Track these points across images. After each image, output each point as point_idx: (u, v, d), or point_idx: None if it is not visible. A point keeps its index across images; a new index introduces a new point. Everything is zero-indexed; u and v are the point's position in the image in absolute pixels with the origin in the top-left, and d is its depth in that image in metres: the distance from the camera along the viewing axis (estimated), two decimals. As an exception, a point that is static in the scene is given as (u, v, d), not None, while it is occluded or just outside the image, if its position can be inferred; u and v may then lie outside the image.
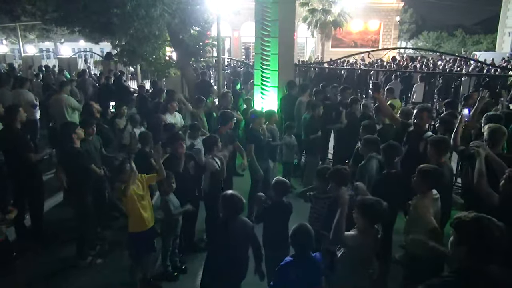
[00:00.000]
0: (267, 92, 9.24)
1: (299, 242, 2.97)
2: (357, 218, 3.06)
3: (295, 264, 2.94)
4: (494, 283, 2.03)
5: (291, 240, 3.01)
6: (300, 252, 2.98)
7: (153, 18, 8.05)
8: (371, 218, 3.04)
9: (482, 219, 2.07)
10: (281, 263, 2.95)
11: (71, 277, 4.66)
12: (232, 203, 3.33)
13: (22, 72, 15.70)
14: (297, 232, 2.98)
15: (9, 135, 5.05)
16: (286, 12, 8.93)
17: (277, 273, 2.97)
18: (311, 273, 2.94)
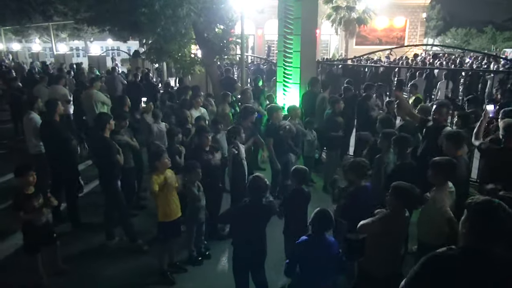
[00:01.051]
0: (289, 88, 9.42)
1: (317, 223, 3.15)
2: (389, 200, 3.21)
3: (310, 242, 3.13)
4: (496, 264, 2.16)
5: (311, 222, 3.19)
6: (316, 232, 3.16)
7: (179, 17, 8.36)
8: (404, 201, 3.18)
9: (492, 201, 2.19)
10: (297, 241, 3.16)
11: (103, 259, 5.01)
12: (255, 183, 3.55)
13: (54, 69, 16.39)
14: (316, 214, 3.17)
15: (49, 127, 5.45)
16: (309, 10, 9.08)
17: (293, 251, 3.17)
18: (325, 252, 3.13)
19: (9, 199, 6.56)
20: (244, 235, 3.57)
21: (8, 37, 24.95)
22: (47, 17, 20.38)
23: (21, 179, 4.00)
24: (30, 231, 4.05)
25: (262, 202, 3.57)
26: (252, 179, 3.59)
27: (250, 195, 3.57)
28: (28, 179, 4.02)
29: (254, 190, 3.55)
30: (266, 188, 3.57)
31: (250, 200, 3.57)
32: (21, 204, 3.94)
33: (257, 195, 3.55)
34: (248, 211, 3.56)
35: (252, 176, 3.63)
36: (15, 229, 5.53)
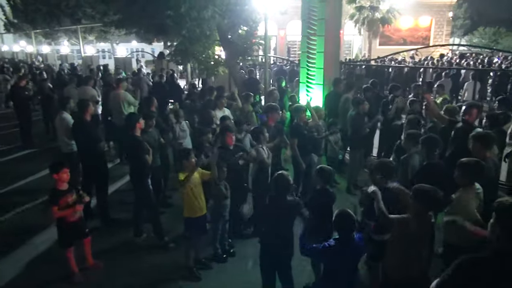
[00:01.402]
0: (312, 89, 9.43)
1: (341, 225, 3.13)
2: (411, 203, 3.20)
3: (339, 246, 3.10)
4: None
5: (334, 224, 3.18)
6: (343, 236, 3.14)
7: (204, 19, 8.51)
8: (425, 204, 3.16)
9: None
10: (325, 243, 3.17)
11: (131, 254, 5.17)
12: (279, 181, 3.62)
13: (82, 71, 16.91)
14: (338, 216, 3.16)
15: (80, 126, 5.67)
16: (333, 10, 9.07)
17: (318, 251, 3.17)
18: (355, 256, 3.15)
19: (41, 195, 6.94)
20: (271, 232, 3.63)
21: (38, 40, 25.87)
22: (75, 20, 21.04)
23: (56, 176, 4.18)
24: (64, 226, 4.23)
25: (287, 199, 3.63)
26: (276, 176, 3.66)
27: (275, 193, 3.64)
28: (62, 176, 4.20)
29: (279, 187, 3.62)
30: (289, 186, 3.64)
31: (274, 198, 3.64)
32: (56, 200, 4.12)
33: (282, 192, 3.62)
34: (273, 208, 3.63)
35: (276, 174, 3.70)
36: (48, 224, 5.81)
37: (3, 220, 6.16)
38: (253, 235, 5.48)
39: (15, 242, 5.45)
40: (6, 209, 6.51)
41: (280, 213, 3.62)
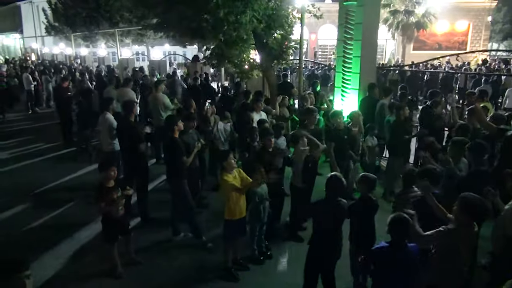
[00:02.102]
0: (348, 94, 9.35)
1: (396, 231, 3.07)
2: (456, 212, 3.13)
3: (391, 250, 3.07)
4: None
5: (389, 229, 3.10)
6: (397, 240, 3.09)
7: (242, 24, 8.60)
8: (472, 215, 3.08)
9: None
10: (376, 246, 3.15)
11: (169, 253, 5.29)
12: (333, 183, 3.64)
13: (118, 73, 17.44)
14: (393, 221, 3.10)
15: (125, 127, 5.87)
16: (370, 15, 8.98)
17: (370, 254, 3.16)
18: (407, 261, 3.08)
19: (82, 193, 7.21)
20: (322, 235, 3.64)
21: (77, 42, 26.87)
22: (113, 24, 21.74)
23: (104, 174, 4.35)
24: (109, 221, 4.39)
25: (338, 202, 3.64)
26: (330, 178, 3.69)
27: (327, 194, 3.65)
28: (110, 173, 4.36)
29: (331, 189, 3.64)
30: (343, 188, 3.64)
31: (326, 199, 3.66)
32: (103, 196, 4.28)
33: (334, 194, 3.64)
34: (325, 210, 3.65)
35: (330, 175, 3.73)
36: (90, 220, 6.04)
37: (47, 217, 6.42)
38: (290, 238, 5.52)
39: (59, 237, 5.68)
40: (50, 205, 6.79)
41: (332, 216, 3.64)
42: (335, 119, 5.98)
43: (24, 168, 8.81)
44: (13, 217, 6.39)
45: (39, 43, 36.47)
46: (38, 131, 12.45)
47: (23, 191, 7.36)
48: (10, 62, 29.76)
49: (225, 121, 7.28)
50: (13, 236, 5.73)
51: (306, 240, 5.41)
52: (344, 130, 6.06)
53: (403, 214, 3.13)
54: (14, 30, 42.45)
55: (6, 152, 9.70)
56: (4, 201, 6.95)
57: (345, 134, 6.03)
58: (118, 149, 6.77)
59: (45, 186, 7.68)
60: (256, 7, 8.39)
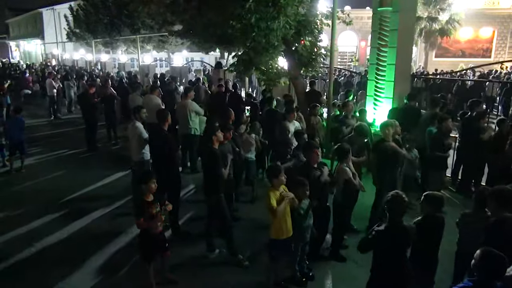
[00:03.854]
0: (381, 103, 9.00)
1: (487, 268, 2.63)
2: None
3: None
4: None
5: (477, 264, 2.67)
6: (485, 280, 2.64)
7: (272, 30, 8.34)
8: None
9: None
10: (458, 285, 2.78)
11: (203, 270, 5.01)
12: (395, 203, 3.27)
13: (140, 79, 17.38)
14: (486, 256, 2.65)
15: (159, 136, 5.64)
16: (406, 21, 8.66)
17: None
18: None
19: (110, 202, 7.00)
20: (384, 260, 3.28)
21: (98, 48, 27.10)
22: (134, 30, 21.79)
23: (146, 186, 4.09)
24: (147, 238, 4.12)
25: (402, 224, 3.28)
26: (391, 197, 3.30)
27: (389, 218, 3.29)
28: (151, 186, 4.11)
29: (394, 212, 3.27)
30: (406, 208, 3.27)
31: (388, 224, 3.28)
32: (143, 211, 4.02)
33: (397, 216, 3.27)
34: (388, 236, 3.26)
35: (391, 194, 3.34)
36: (120, 231, 5.81)
37: (74, 228, 6.21)
38: (331, 257, 5.18)
39: (88, 250, 5.44)
40: (77, 216, 6.59)
41: (393, 240, 3.26)
42: (384, 130, 5.63)
43: (49, 175, 8.65)
44: (40, 228, 6.19)
45: (59, 49, 37.00)
46: (62, 137, 12.40)
47: (49, 200, 7.19)
48: (31, 67, 30.23)
49: (253, 132, 7.01)
50: (40, 249, 5.53)
51: (349, 260, 5.15)
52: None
53: (494, 250, 2.65)
54: (35, 36, 43.28)
55: (30, 159, 9.58)
56: (30, 210, 6.79)
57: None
58: (148, 159, 6.56)
59: (71, 195, 7.50)
60: (289, 13, 8.13)
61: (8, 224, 6.21)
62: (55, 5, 37.74)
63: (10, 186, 7.93)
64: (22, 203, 7.07)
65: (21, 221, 6.30)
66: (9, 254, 5.37)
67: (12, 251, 5.44)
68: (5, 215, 6.63)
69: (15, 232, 5.98)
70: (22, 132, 8.87)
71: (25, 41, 48.08)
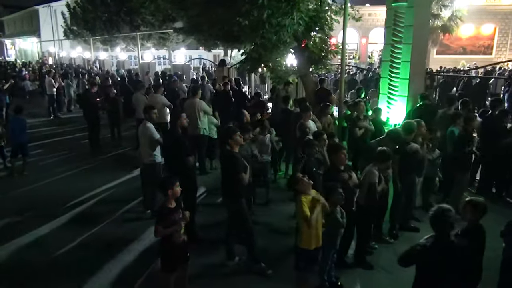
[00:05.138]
0: (395, 101, 8.76)
1: None
2: None
3: None
4: None
5: None
6: None
7: (284, 26, 8.06)
8: None
9: None
10: None
11: (222, 279, 4.76)
12: (443, 219, 2.98)
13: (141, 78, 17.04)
14: None
15: (172, 138, 5.35)
16: (422, 16, 8.43)
17: None
18: None
19: (119, 207, 6.72)
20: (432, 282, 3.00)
21: (96, 46, 26.69)
22: (134, 27, 21.39)
23: (170, 192, 3.81)
24: (169, 248, 3.85)
25: (450, 240, 3.00)
26: (437, 213, 3.01)
27: (436, 233, 3.00)
28: (176, 191, 3.83)
29: (441, 227, 2.98)
30: (453, 223, 2.99)
31: (435, 240, 2.99)
32: (163, 218, 3.74)
33: (445, 231, 2.99)
34: (434, 253, 2.97)
35: (438, 209, 3.05)
36: (132, 238, 5.55)
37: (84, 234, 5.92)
38: (357, 264, 4.94)
39: (100, 258, 5.17)
40: (86, 221, 6.32)
41: (440, 258, 2.96)
42: (408, 131, 5.38)
43: (53, 178, 8.35)
44: (49, 234, 5.91)
45: (56, 47, 36.50)
46: (64, 137, 12.08)
47: (56, 204, 6.89)
48: (27, 66, 29.77)
49: (265, 132, 6.75)
50: (51, 257, 5.24)
51: (377, 267, 4.90)
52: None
53: None
54: (31, 34, 42.68)
55: (33, 161, 9.24)
56: (36, 215, 6.50)
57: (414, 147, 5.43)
58: (160, 161, 6.29)
59: (77, 198, 7.20)
60: (302, 8, 7.85)
61: (16, 230, 5.93)
62: (52, 2, 37.18)
63: (13, 190, 7.61)
64: (27, 207, 6.78)
65: (29, 227, 6.02)
66: (19, 262, 5.12)
67: (22, 259, 5.19)
68: (11, 220, 6.33)
69: (23, 239, 5.70)
70: (24, 133, 8.53)
71: (21, 39, 47.42)
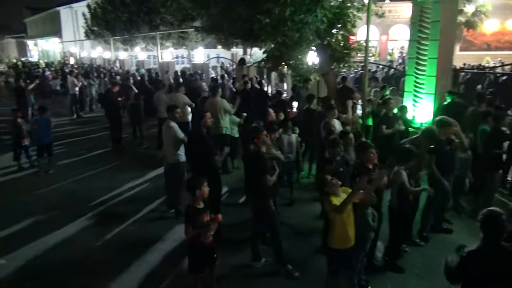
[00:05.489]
0: (421, 99, 8.53)
1: None
2: None
3: None
4: None
5: None
6: None
7: (306, 23, 7.93)
8: None
9: None
10: None
11: (250, 281, 4.69)
12: (491, 220, 2.77)
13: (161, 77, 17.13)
14: None
15: (196, 137, 5.31)
16: (449, 12, 8.19)
17: None
18: None
19: (143, 206, 6.73)
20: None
21: (116, 46, 26.99)
22: (153, 27, 21.55)
23: (198, 192, 3.76)
24: (197, 249, 3.80)
25: (502, 247, 2.77)
26: (487, 213, 2.80)
27: (485, 239, 2.82)
28: (205, 190, 3.78)
29: (492, 232, 2.77)
30: (505, 227, 2.77)
31: (484, 247, 2.79)
32: (193, 219, 3.69)
33: (495, 238, 2.77)
34: (483, 261, 2.76)
35: (487, 210, 2.87)
36: (155, 239, 5.53)
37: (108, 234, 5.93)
38: (386, 267, 4.80)
39: (125, 258, 5.16)
40: (110, 220, 6.34)
41: (493, 266, 2.74)
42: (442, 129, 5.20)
43: (77, 177, 8.44)
44: (74, 233, 5.95)
45: (77, 47, 37.16)
46: (86, 137, 12.22)
47: (80, 203, 6.96)
48: (50, 66, 30.38)
49: (289, 132, 6.64)
50: (75, 257, 5.27)
51: (408, 271, 4.74)
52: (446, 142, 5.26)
53: None
54: (53, 34, 43.58)
55: (57, 159, 9.36)
56: (61, 214, 6.56)
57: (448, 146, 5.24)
58: (184, 160, 6.26)
59: (101, 197, 7.25)
60: (326, 5, 7.70)
61: (42, 229, 5.98)
62: (73, 3, 37.85)
63: (39, 189, 7.71)
64: (53, 206, 6.85)
65: (54, 226, 6.07)
66: (46, 261, 5.15)
67: (48, 258, 5.22)
68: (37, 219, 6.41)
69: (49, 238, 5.75)
70: (49, 132, 8.66)
71: (43, 39, 48.49)
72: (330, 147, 5.16)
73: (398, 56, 29.64)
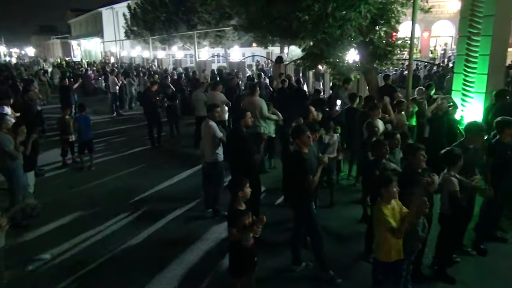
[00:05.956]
0: (471, 98, 8.04)
1: None
2: None
3: None
4: None
5: None
6: None
7: (348, 20, 7.67)
8: None
9: None
10: None
11: (290, 286, 4.54)
12: None
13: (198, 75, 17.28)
14: None
15: (237, 138, 5.23)
16: (504, 5, 7.63)
17: None
18: None
19: (181, 204, 6.73)
20: None
21: (154, 45, 27.58)
22: (191, 26, 21.81)
23: (241, 193, 3.66)
24: (238, 252, 3.70)
25: None
26: None
27: None
28: (246, 192, 3.67)
29: None
30: None
31: None
32: (235, 221, 3.59)
33: None
34: None
35: None
36: (194, 238, 5.49)
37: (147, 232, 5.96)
38: (433, 277, 4.51)
39: (164, 257, 5.15)
40: (148, 218, 6.36)
41: None
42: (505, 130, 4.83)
43: (117, 173, 8.59)
44: (114, 230, 6.01)
45: (117, 47, 38.32)
46: (126, 134, 12.49)
47: (120, 200, 7.06)
48: (92, 65, 31.51)
49: (330, 133, 6.42)
50: (114, 254, 5.31)
51: (458, 282, 4.43)
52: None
53: None
54: (95, 35, 45.25)
55: (98, 156, 9.60)
56: (102, 210, 6.67)
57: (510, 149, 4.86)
58: (222, 160, 6.20)
59: (141, 195, 7.34)
60: (370, 0, 7.40)
61: (83, 225, 6.10)
62: (114, 4, 39.08)
63: (79, 186, 7.89)
64: (92, 203, 6.98)
65: (94, 222, 6.17)
66: (84, 258, 5.21)
67: (87, 255, 5.28)
68: (78, 215, 6.54)
69: (89, 234, 5.84)
70: (89, 129, 8.89)
71: (86, 40, 50.45)
72: (373, 148, 4.94)
73: (441, 53, 28.41)
